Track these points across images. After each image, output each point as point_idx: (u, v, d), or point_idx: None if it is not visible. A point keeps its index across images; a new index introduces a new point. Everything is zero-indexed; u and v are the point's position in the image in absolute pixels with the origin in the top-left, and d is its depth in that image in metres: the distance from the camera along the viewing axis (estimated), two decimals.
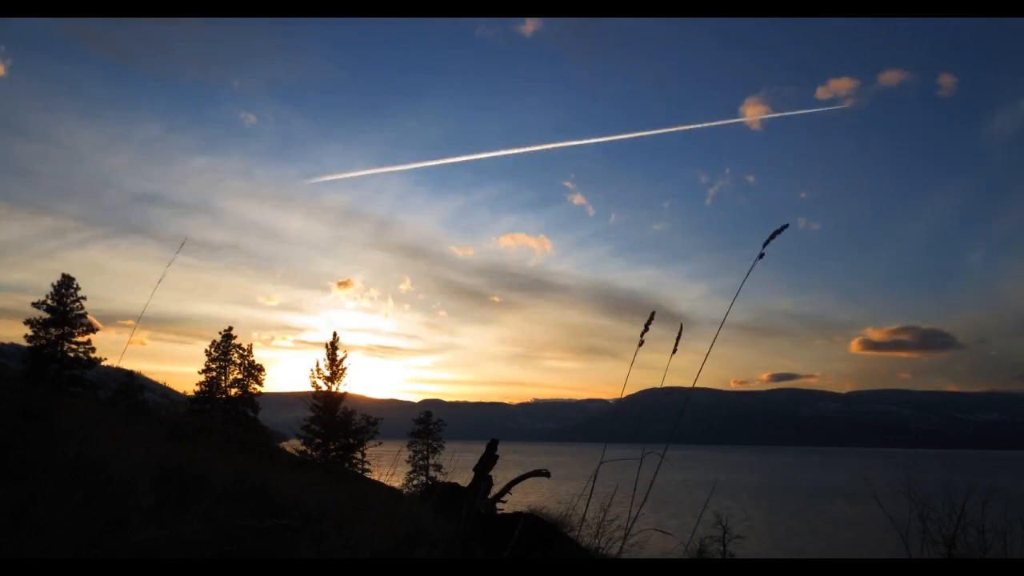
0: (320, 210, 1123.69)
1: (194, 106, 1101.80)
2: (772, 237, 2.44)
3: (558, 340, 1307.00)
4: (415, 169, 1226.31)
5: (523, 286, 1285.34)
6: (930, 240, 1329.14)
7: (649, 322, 2.70)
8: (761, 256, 2.45)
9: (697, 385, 2.81)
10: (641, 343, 2.69)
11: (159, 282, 4.32)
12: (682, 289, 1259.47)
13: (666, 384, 2.78)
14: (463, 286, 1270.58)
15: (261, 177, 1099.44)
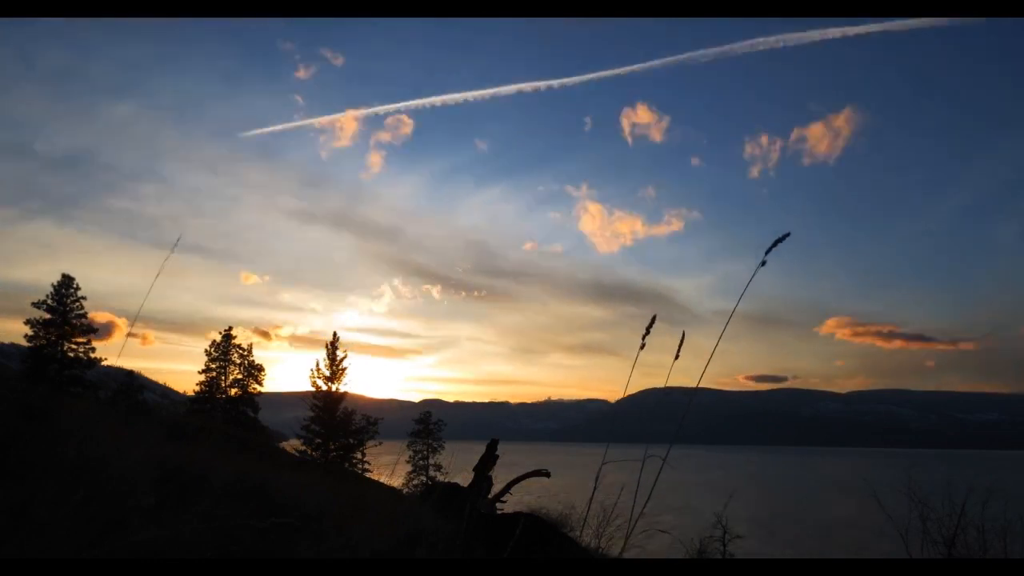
0: (279, 180, 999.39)
1: (103, 33, 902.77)
2: (773, 246, 2.50)
3: (558, 336, 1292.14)
4: (380, 115, 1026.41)
5: (518, 272, 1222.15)
6: (939, 233, 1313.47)
7: (650, 325, 2.72)
8: (763, 264, 2.52)
9: (698, 385, 2.82)
10: (642, 346, 2.72)
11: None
12: (688, 276, 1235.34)
13: (666, 384, 2.78)
14: (454, 273, 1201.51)
15: (195, 127, 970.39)
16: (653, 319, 2.75)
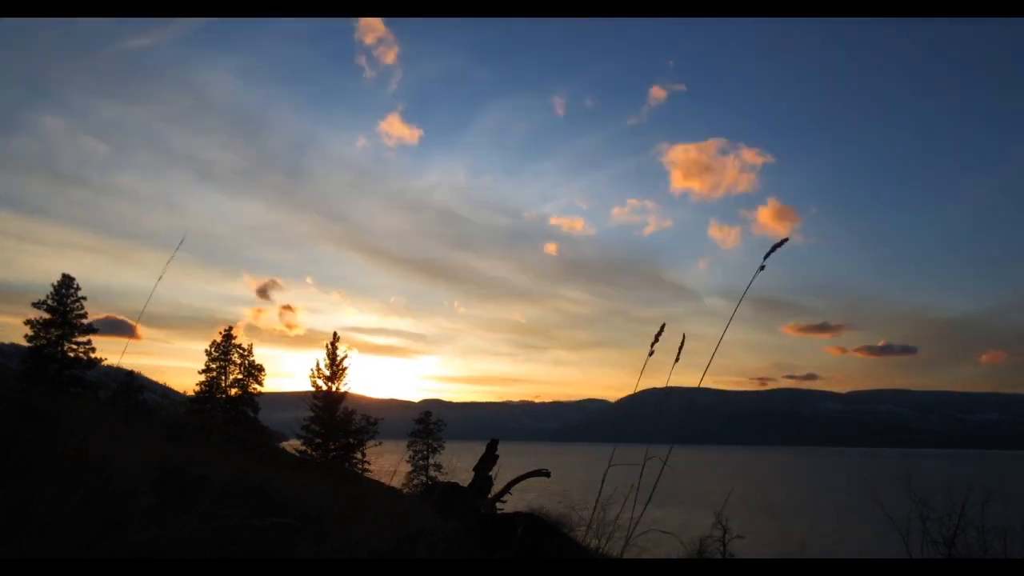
0: (189, 124, 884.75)
1: None
2: (772, 251, 2.50)
3: (558, 333, 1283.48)
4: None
5: (509, 248, 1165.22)
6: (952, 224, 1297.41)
7: (659, 333, 2.71)
8: (762, 268, 2.52)
9: (698, 386, 2.81)
10: (651, 353, 2.72)
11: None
12: (692, 256, 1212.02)
13: (666, 384, 2.78)
14: (446, 259, 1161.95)
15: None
16: (662, 328, 2.72)
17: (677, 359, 2.67)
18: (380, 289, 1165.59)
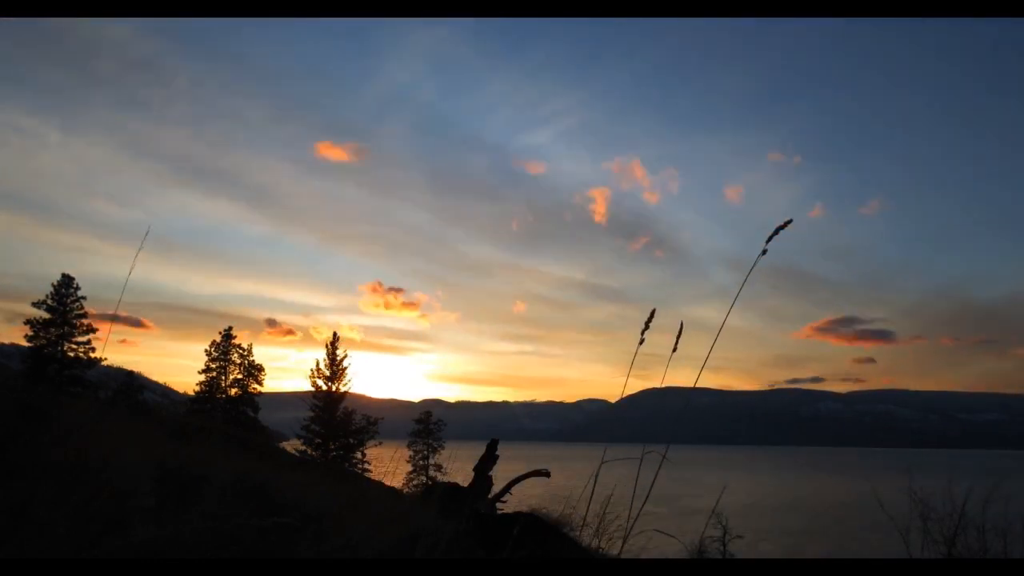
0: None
1: None
2: (775, 233, 2.38)
3: (559, 332, 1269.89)
4: None
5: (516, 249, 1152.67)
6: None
7: (649, 320, 2.61)
8: (764, 253, 2.41)
9: (697, 385, 2.76)
10: (641, 341, 2.61)
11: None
12: (698, 235, 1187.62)
13: (666, 384, 2.71)
14: (443, 251, 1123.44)
15: None
16: (652, 313, 2.62)
17: (675, 349, 2.53)
18: (361, 276, 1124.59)
